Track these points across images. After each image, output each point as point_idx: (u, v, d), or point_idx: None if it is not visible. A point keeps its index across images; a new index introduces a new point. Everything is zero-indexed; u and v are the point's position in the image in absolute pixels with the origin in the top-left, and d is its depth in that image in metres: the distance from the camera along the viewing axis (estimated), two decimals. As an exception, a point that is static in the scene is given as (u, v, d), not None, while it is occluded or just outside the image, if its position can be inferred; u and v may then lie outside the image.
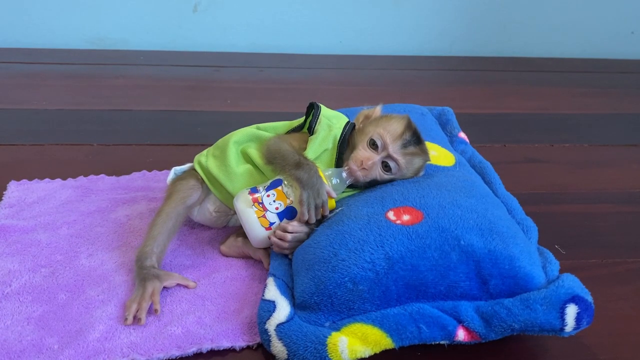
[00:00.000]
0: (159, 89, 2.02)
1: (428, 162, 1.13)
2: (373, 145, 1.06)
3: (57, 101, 1.86)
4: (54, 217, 1.21)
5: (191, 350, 0.91)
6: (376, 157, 1.05)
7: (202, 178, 1.13)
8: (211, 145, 1.18)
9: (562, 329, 0.88)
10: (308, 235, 1.02)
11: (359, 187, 1.09)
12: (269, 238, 1.03)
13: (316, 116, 1.10)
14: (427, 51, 2.54)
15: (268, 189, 1.03)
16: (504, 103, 2.08)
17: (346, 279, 0.90)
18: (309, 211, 1.00)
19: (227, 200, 1.11)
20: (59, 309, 0.97)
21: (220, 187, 1.11)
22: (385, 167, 1.07)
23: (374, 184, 1.08)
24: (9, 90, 1.95)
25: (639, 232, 1.31)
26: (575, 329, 0.89)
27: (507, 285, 0.91)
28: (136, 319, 0.94)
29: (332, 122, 1.11)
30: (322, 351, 0.86)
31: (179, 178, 1.14)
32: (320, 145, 1.08)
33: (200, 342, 0.92)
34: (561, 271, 0.97)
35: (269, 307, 0.92)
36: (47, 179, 1.36)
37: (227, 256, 1.12)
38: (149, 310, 0.96)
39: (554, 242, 1.21)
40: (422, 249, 0.92)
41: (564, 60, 2.57)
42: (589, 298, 0.89)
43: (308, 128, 1.11)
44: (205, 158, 1.14)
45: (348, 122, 1.12)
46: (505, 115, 1.96)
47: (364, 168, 1.05)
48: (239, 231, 1.11)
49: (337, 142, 1.08)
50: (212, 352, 0.92)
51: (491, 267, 0.91)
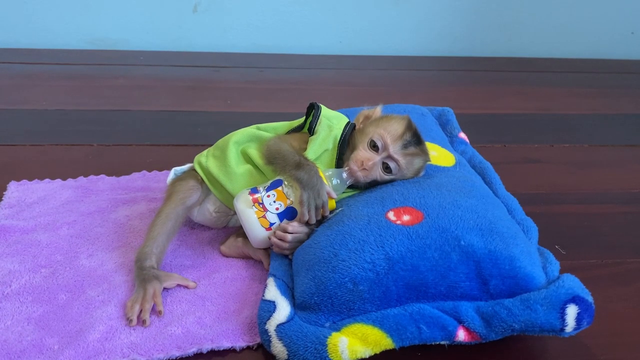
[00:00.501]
0: (159, 89, 2.02)
1: (428, 163, 1.13)
2: (373, 145, 1.06)
3: (57, 101, 1.86)
4: (54, 217, 1.21)
5: (191, 350, 0.91)
6: (376, 158, 1.05)
7: (202, 178, 1.12)
8: (211, 145, 1.18)
9: (562, 329, 0.88)
10: (308, 235, 1.02)
11: (359, 187, 1.09)
12: (269, 238, 1.03)
13: (316, 117, 1.10)
14: (427, 51, 2.54)
15: (268, 189, 1.03)
16: (504, 103, 2.08)
17: (346, 279, 0.90)
18: (309, 212, 1.00)
19: (227, 200, 1.11)
20: (59, 309, 0.97)
21: (220, 187, 1.10)
22: (386, 167, 1.07)
23: (374, 184, 1.08)
24: (9, 90, 1.94)
25: (639, 232, 1.31)
26: (575, 329, 0.88)
27: (508, 285, 0.91)
28: (140, 320, 0.94)
29: (332, 122, 1.11)
30: (322, 351, 0.86)
31: (178, 178, 1.14)
32: (321, 145, 1.08)
33: (200, 342, 0.92)
34: (561, 271, 0.97)
35: (269, 308, 0.92)
36: (47, 179, 1.36)
37: (227, 256, 1.12)
38: (151, 310, 0.96)
39: (554, 242, 1.21)
40: (423, 249, 0.92)
41: (564, 60, 2.57)
42: (589, 298, 0.89)
43: (308, 128, 1.11)
44: (205, 158, 1.14)
45: (348, 122, 1.12)
46: (505, 115, 1.96)
47: (364, 169, 1.05)
48: (239, 231, 1.11)
49: (337, 142, 1.08)
50: (212, 353, 0.92)
51: (491, 267, 0.91)
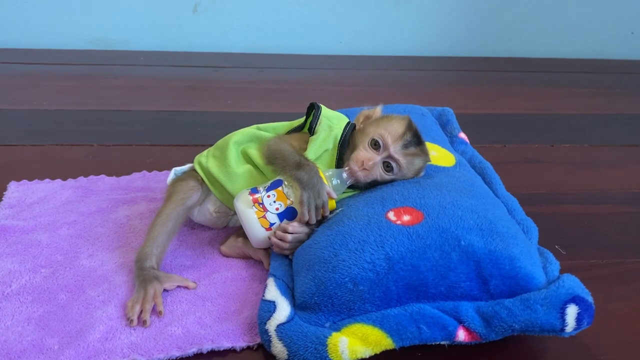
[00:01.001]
0: (159, 89, 2.02)
1: (428, 163, 1.13)
2: (374, 145, 1.06)
3: (57, 101, 1.86)
4: (54, 217, 1.21)
5: (191, 350, 0.90)
6: (377, 158, 1.05)
7: (202, 178, 1.12)
8: (211, 145, 1.18)
9: (562, 330, 0.88)
10: (308, 235, 1.02)
11: (359, 187, 1.09)
12: (269, 238, 1.02)
13: (317, 117, 1.10)
14: (427, 51, 2.54)
15: (268, 189, 1.03)
16: (504, 103, 2.08)
17: (346, 279, 0.90)
18: (309, 212, 1.00)
19: (228, 200, 1.11)
20: (59, 309, 0.97)
21: (220, 187, 1.10)
22: (387, 167, 1.07)
23: (374, 184, 1.08)
24: (9, 90, 1.95)
25: (639, 232, 1.31)
26: (575, 329, 0.88)
27: (508, 285, 0.91)
28: (140, 320, 0.94)
29: (332, 122, 1.11)
30: (323, 351, 0.86)
31: (178, 179, 1.13)
32: (321, 145, 1.08)
33: (200, 342, 0.92)
34: (561, 271, 0.97)
35: (269, 308, 0.92)
36: (47, 180, 1.36)
37: (227, 256, 1.12)
38: (152, 311, 0.96)
39: (554, 242, 1.21)
40: (423, 250, 0.92)
41: (564, 60, 2.57)
42: (590, 298, 0.89)
43: (309, 128, 1.11)
44: (206, 158, 1.14)
45: (348, 122, 1.12)
46: (505, 115, 1.96)
47: (364, 169, 1.05)
48: (239, 231, 1.11)
49: (337, 142, 1.08)
50: (213, 353, 0.92)
51: (491, 267, 0.91)
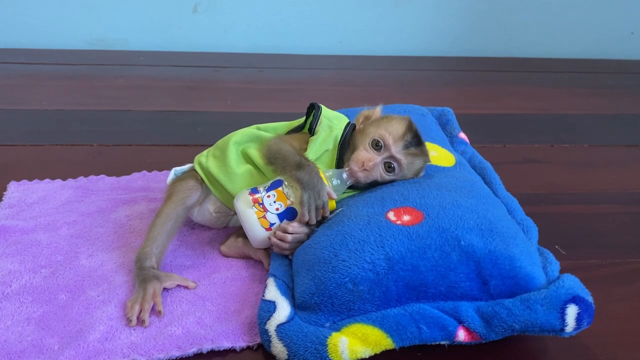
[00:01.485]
0: (159, 89, 2.02)
1: (428, 163, 1.13)
2: (375, 146, 1.06)
3: (57, 101, 1.86)
4: (54, 217, 1.21)
5: (191, 350, 0.91)
6: (378, 158, 1.05)
7: (202, 178, 1.12)
8: (211, 145, 1.18)
9: (562, 330, 0.88)
10: (308, 236, 1.01)
11: (359, 187, 1.09)
12: (269, 239, 1.03)
13: (317, 117, 1.10)
14: (427, 51, 2.54)
15: (268, 189, 1.03)
16: (504, 103, 2.08)
17: (346, 279, 0.90)
18: (309, 212, 1.00)
19: (228, 200, 1.11)
20: (59, 309, 0.97)
21: (220, 187, 1.10)
22: (389, 167, 1.07)
23: (374, 184, 1.08)
24: (9, 90, 1.95)
25: (639, 232, 1.31)
26: (575, 329, 0.88)
27: (508, 285, 0.91)
28: (139, 320, 0.94)
29: (332, 122, 1.11)
30: (323, 351, 0.86)
31: (178, 179, 1.13)
32: (321, 146, 1.08)
33: (200, 342, 0.92)
34: (561, 271, 0.97)
35: (269, 308, 0.92)
36: (47, 180, 1.36)
37: (227, 256, 1.12)
38: (151, 310, 0.96)
39: (554, 242, 1.21)
40: (423, 250, 0.92)
41: (564, 60, 2.57)
42: (590, 298, 0.89)
43: (309, 129, 1.11)
44: (206, 158, 1.14)
45: (348, 122, 1.12)
46: (505, 115, 1.96)
47: (365, 169, 1.05)
48: (239, 231, 1.11)
49: (337, 143, 1.08)
50: (213, 353, 0.92)
51: (491, 267, 0.91)
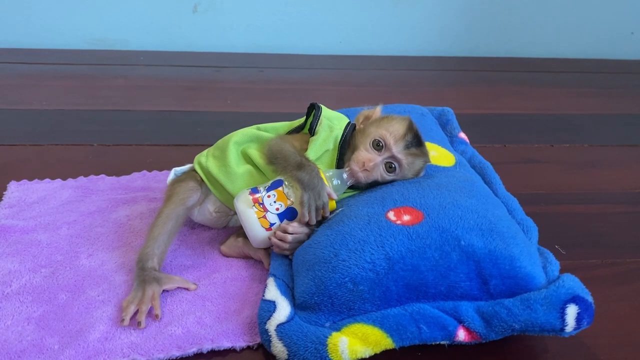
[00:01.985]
0: (159, 89, 2.02)
1: (428, 164, 1.13)
2: (376, 146, 1.06)
3: (57, 101, 1.86)
4: (54, 217, 1.21)
5: (191, 350, 0.91)
6: (378, 159, 1.05)
7: (202, 179, 1.12)
8: (211, 145, 1.18)
9: (562, 329, 0.88)
10: (308, 236, 1.01)
11: (360, 187, 1.09)
12: (269, 239, 1.03)
13: (317, 117, 1.10)
14: (427, 51, 2.54)
15: (269, 189, 1.03)
16: (504, 103, 2.08)
17: (346, 279, 0.90)
18: (309, 212, 1.00)
19: (228, 200, 1.11)
20: (59, 309, 0.97)
21: (220, 187, 1.10)
22: (390, 167, 1.07)
23: (374, 184, 1.08)
24: (9, 90, 1.95)
25: (638, 232, 1.31)
26: (575, 329, 0.88)
27: (508, 285, 0.91)
28: (135, 321, 0.94)
29: (333, 122, 1.11)
30: (323, 351, 0.86)
31: (178, 179, 1.13)
32: (321, 146, 1.08)
33: (200, 342, 0.92)
34: (561, 271, 0.97)
35: (270, 308, 0.92)
36: (47, 179, 1.36)
37: (227, 256, 1.12)
38: (149, 313, 0.96)
39: (554, 242, 1.21)
40: (423, 249, 0.92)
41: (564, 60, 2.57)
42: (590, 298, 0.89)
43: (309, 129, 1.11)
44: (206, 158, 1.14)
45: (349, 122, 1.12)
46: (505, 115, 1.96)
47: (365, 169, 1.05)
48: (239, 231, 1.11)
49: (338, 143, 1.08)
50: (213, 353, 0.92)
51: (491, 267, 0.91)
